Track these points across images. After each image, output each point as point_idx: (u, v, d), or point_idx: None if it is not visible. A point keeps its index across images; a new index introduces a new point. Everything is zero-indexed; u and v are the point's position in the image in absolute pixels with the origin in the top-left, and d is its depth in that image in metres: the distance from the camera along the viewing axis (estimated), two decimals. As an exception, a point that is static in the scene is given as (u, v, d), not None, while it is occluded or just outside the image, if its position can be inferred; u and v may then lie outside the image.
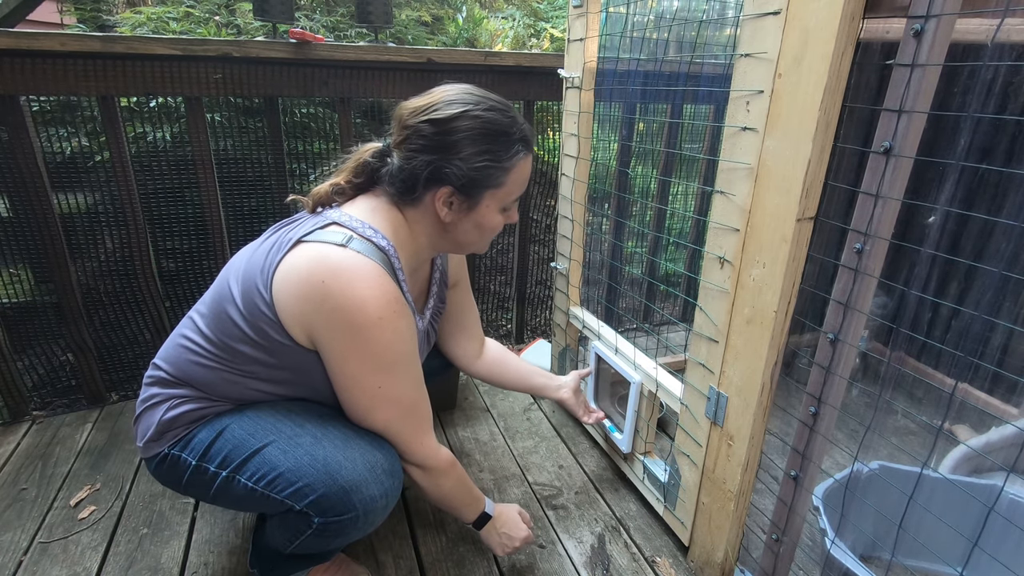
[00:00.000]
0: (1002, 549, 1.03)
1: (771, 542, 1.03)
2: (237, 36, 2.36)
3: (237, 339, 0.87)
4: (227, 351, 0.89)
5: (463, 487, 1.05)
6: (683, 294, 2.19)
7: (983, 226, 1.66)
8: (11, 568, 1.16)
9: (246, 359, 0.88)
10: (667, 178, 2.07)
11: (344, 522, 0.87)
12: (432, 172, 0.87)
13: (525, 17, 3.78)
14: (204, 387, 0.92)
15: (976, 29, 1.31)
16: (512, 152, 0.90)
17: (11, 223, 1.47)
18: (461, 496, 1.06)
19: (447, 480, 1.01)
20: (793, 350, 1.67)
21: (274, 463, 0.86)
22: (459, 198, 0.90)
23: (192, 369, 0.91)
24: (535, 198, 2.00)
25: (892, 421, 1.71)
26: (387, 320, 0.83)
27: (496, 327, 2.21)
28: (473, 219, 0.94)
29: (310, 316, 0.82)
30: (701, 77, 1.67)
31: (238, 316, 0.86)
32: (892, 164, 0.74)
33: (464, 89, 0.90)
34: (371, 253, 0.84)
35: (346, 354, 0.85)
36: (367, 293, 0.81)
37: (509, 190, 0.94)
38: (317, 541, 0.91)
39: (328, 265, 0.81)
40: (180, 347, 0.93)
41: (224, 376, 0.90)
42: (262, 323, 0.85)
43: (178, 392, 0.92)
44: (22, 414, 1.62)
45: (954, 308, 1.67)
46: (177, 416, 0.91)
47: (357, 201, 0.94)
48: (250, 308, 0.85)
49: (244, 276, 0.87)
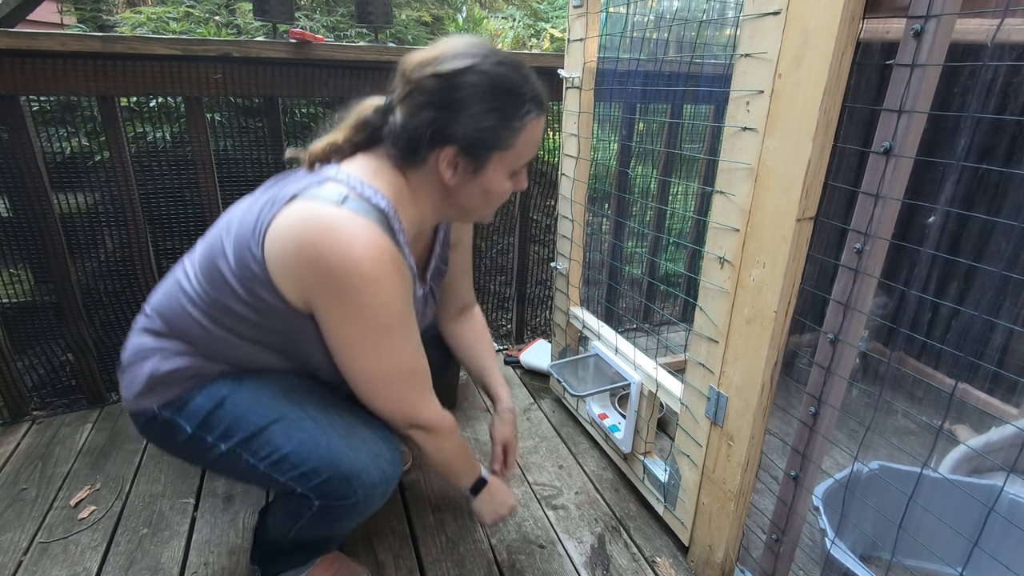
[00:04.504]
0: (1002, 549, 1.03)
1: (771, 542, 1.03)
2: (237, 36, 2.36)
3: (229, 296, 0.83)
4: (220, 308, 0.84)
5: (464, 451, 1.04)
6: (683, 294, 2.19)
7: (983, 226, 1.66)
8: (11, 568, 1.15)
9: (238, 318, 0.84)
10: (667, 178, 2.07)
11: (345, 507, 0.88)
12: (436, 130, 0.81)
13: (525, 17, 3.78)
14: (197, 343, 0.87)
15: (976, 29, 1.31)
16: (522, 111, 0.83)
17: (11, 223, 1.47)
18: (462, 459, 1.03)
19: (450, 442, 0.98)
20: (793, 350, 1.67)
21: (278, 444, 0.85)
22: (464, 160, 0.84)
23: (186, 323, 0.86)
24: (535, 198, 2.00)
25: (892, 421, 1.71)
26: (384, 281, 0.78)
27: (496, 327, 2.21)
28: (479, 183, 0.87)
29: (304, 277, 0.78)
30: (701, 77, 1.67)
31: (230, 274, 0.82)
32: (892, 164, 0.74)
33: (473, 42, 0.83)
34: (368, 213, 0.79)
35: (342, 317, 0.80)
36: (362, 253, 0.76)
37: (518, 153, 0.87)
38: (317, 525, 0.92)
39: (322, 224, 0.76)
40: (173, 297, 0.88)
41: (218, 334, 0.86)
42: (254, 285, 0.81)
43: (170, 345, 0.87)
44: (22, 414, 1.62)
45: (954, 308, 1.67)
46: (170, 371, 0.87)
47: (356, 159, 0.88)
48: (242, 268, 0.81)
49: (237, 234, 0.83)
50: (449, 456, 1.00)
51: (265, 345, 0.88)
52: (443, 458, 0.99)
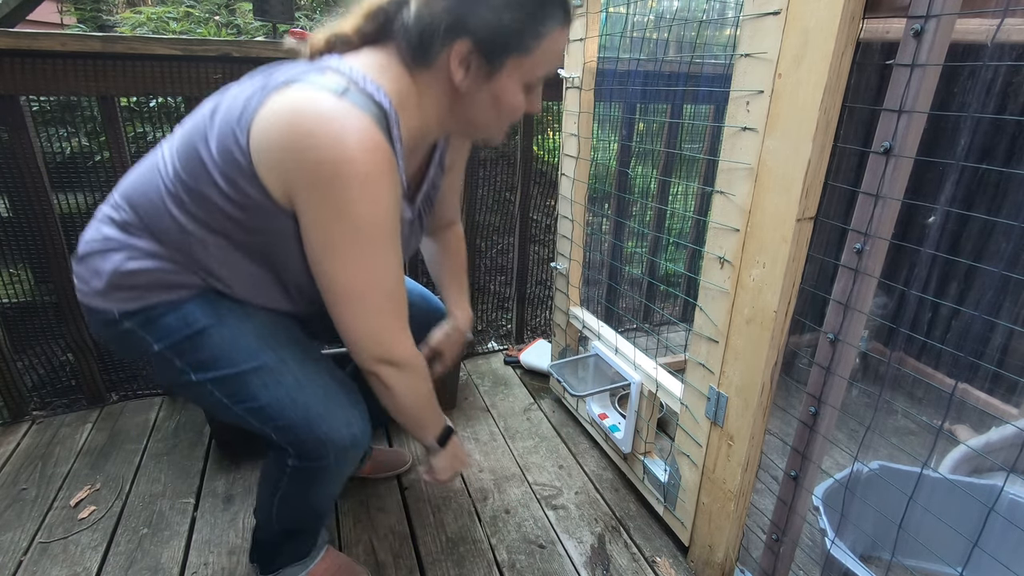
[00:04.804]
0: (1002, 549, 1.03)
1: (771, 542, 1.03)
2: (237, 36, 2.36)
3: (208, 186, 0.76)
4: (196, 198, 0.78)
5: (434, 397, 0.96)
6: (683, 294, 2.19)
7: (983, 226, 1.66)
8: (11, 568, 1.15)
9: (215, 210, 0.78)
10: (667, 178, 2.07)
11: (315, 469, 0.89)
12: (453, 21, 0.75)
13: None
14: (168, 240, 0.81)
15: (976, 29, 1.31)
16: (548, 14, 0.77)
17: (11, 223, 1.47)
18: (432, 406, 0.96)
19: (424, 383, 0.91)
20: (793, 350, 1.67)
21: (255, 393, 0.84)
22: (478, 59, 0.77)
23: (158, 214, 0.80)
24: (535, 198, 2.00)
25: (892, 421, 1.71)
26: (376, 181, 0.73)
27: (496, 327, 2.21)
28: (491, 90, 0.80)
29: (290, 169, 0.72)
30: (701, 77, 1.67)
31: (211, 163, 0.76)
32: (892, 164, 0.74)
33: None
34: (368, 109, 0.73)
35: (326, 215, 0.74)
36: (358, 146, 0.70)
37: (536, 62, 0.80)
38: (296, 492, 0.93)
39: (318, 112, 0.70)
40: (147, 184, 0.81)
41: (191, 229, 0.79)
42: (236, 175, 0.74)
43: (139, 243, 0.81)
44: (22, 414, 1.62)
45: (954, 308, 1.67)
46: (135, 272, 0.81)
47: (362, 53, 0.81)
48: (224, 157, 0.75)
49: (222, 120, 0.76)
50: (420, 400, 0.92)
51: (239, 245, 0.82)
52: (413, 401, 0.91)
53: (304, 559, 1.07)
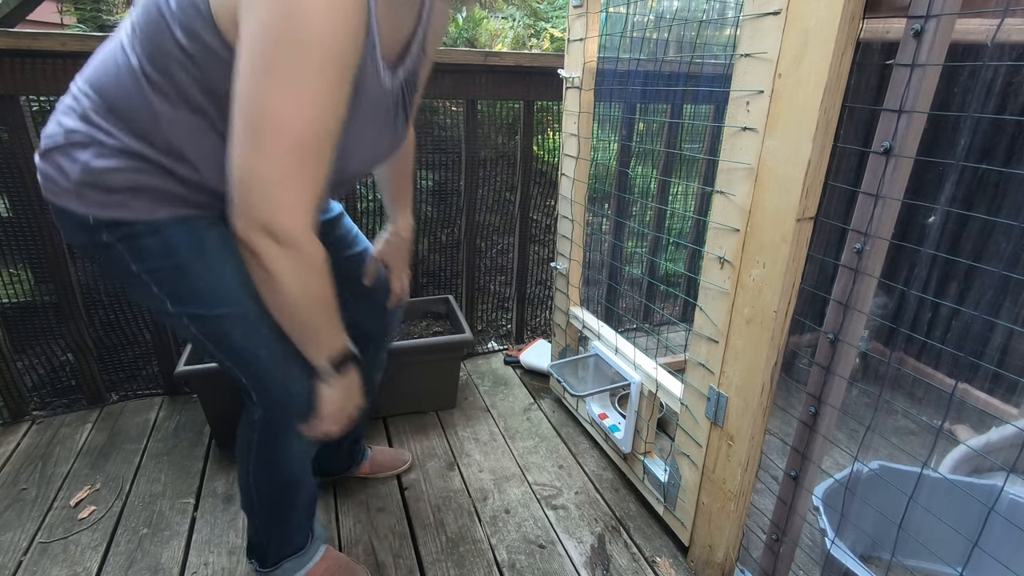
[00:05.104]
0: (1002, 549, 1.03)
1: (771, 542, 1.03)
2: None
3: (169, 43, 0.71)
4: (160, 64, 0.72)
5: (333, 307, 0.80)
6: (683, 294, 2.19)
7: (983, 226, 1.66)
8: (11, 568, 1.16)
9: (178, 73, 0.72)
10: (667, 178, 2.07)
11: (282, 422, 0.91)
12: None
13: (525, 17, 3.78)
14: (137, 127, 0.75)
15: (976, 29, 1.31)
16: None
17: (11, 223, 1.47)
18: (328, 315, 0.80)
19: (318, 280, 0.75)
20: (793, 350, 1.67)
21: (231, 338, 0.84)
22: None
23: (124, 93, 0.74)
24: (535, 198, 2.00)
25: (892, 421, 1.71)
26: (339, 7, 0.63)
27: (496, 327, 2.21)
28: None
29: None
30: (701, 77, 1.67)
31: (168, 14, 0.70)
32: (892, 164, 0.74)
33: None
34: None
35: (268, 27, 0.63)
36: None
37: None
38: (267, 453, 0.95)
39: None
40: (110, 62, 0.76)
41: (161, 110, 0.74)
42: (195, 24, 0.68)
43: (105, 139, 0.75)
44: (22, 414, 1.62)
45: (954, 308, 1.67)
46: (104, 170, 0.75)
47: None
48: (183, 7, 0.69)
49: None
50: (309, 300, 0.76)
51: (211, 121, 0.75)
52: (300, 299, 0.75)
53: (301, 553, 1.07)
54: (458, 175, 1.85)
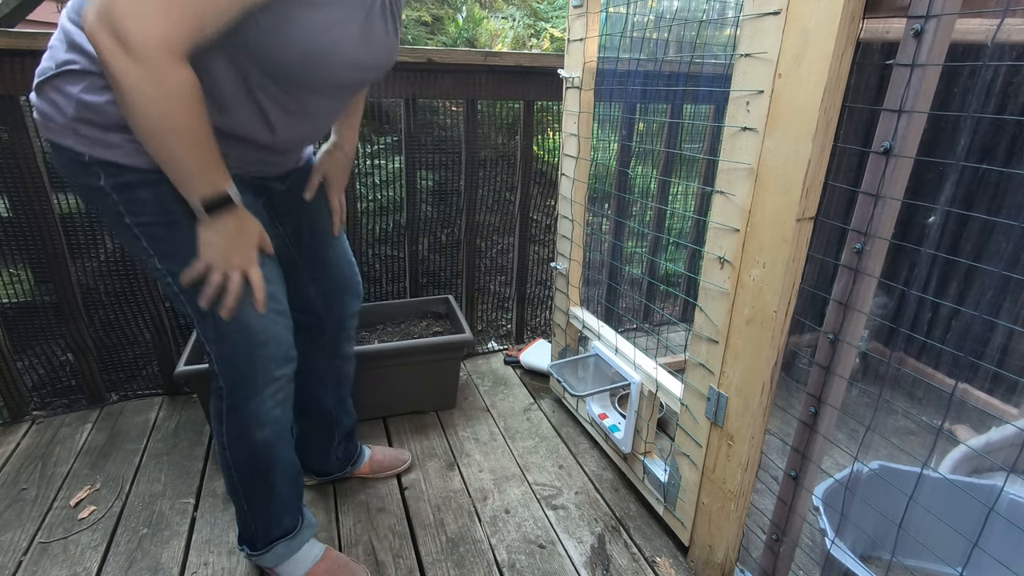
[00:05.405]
0: (1002, 549, 1.03)
1: (771, 542, 1.03)
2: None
3: None
4: None
5: (203, 138, 0.73)
6: (683, 294, 2.19)
7: (983, 226, 1.66)
8: (11, 568, 1.16)
9: None
10: (667, 178, 2.07)
11: (236, 398, 0.94)
12: None
13: (525, 17, 3.78)
14: None
15: (976, 29, 1.31)
16: None
17: (11, 223, 1.47)
18: (199, 147, 0.73)
19: (180, 106, 0.68)
20: (793, 350, 1.67)
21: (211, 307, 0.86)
22: None
23: None
24: (535, 198, 2.00)
25: (892, 421, 1.71)
26: None
27: (496, 327, 2.21)
28: None
29: None
30: (701, 77, 1.67)
31: None
32: (892, 164, 0.74)
33: None
34: None
35: None
36: None
37: None
38: (233, 423, 0.97)
39: None
40: None
41: None
42: None
43: (97, 69, 0.74)
44: (22, 414, 1.62)
45: (954, 308, 1.67)
46: (99, 104, 0.75)
47: None
48: None
49: None
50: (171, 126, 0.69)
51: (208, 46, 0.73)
52: (157, 121, 0.68)
53: (291, 536, 1.07)
54: (458, 175, 1.85)
